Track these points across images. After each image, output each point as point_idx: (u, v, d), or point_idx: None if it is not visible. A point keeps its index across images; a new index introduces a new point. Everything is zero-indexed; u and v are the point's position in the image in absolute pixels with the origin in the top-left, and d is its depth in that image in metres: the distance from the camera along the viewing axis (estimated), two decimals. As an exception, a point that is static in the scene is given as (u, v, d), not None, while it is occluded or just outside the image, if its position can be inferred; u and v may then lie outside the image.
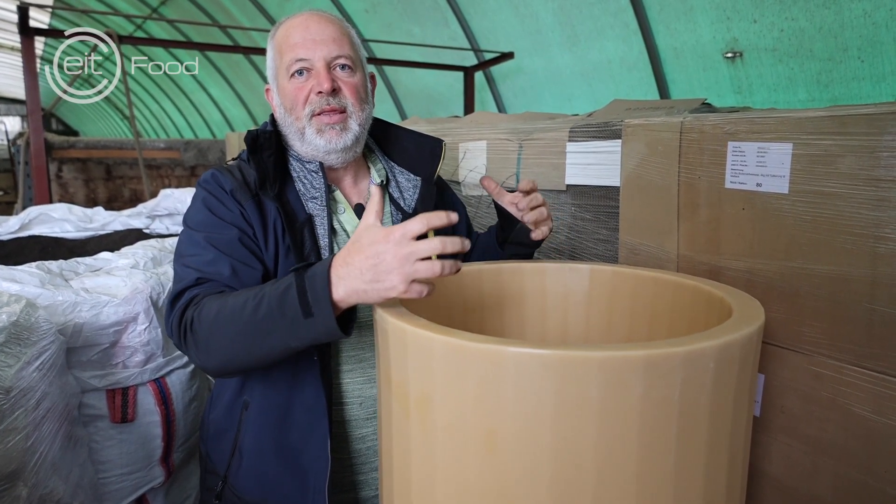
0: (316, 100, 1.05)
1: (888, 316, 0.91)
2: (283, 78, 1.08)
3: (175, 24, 10.03)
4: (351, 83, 1.07)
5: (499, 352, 0.65)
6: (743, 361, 0.71)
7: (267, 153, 1.06)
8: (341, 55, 1.07)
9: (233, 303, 0.87)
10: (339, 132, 1.06)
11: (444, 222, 0.77)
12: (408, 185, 1.19)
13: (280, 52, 1.08)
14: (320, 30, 1.07)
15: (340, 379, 1.08)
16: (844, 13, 3.29)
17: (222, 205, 1.02)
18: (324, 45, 1.05)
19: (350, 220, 1.12)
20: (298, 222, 1.04)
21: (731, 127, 1.07)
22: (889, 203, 0.88)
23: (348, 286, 0.79)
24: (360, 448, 1.10)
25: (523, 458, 0.66)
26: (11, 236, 2.17)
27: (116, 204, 5.92)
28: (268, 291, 0.85)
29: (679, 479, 0.67)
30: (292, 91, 1.06)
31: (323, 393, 1.01)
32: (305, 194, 1.08)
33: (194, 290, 0.95)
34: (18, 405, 1.11)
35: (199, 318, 0.89)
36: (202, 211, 1.03)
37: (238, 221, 1.01)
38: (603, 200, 1.55)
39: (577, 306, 1.12)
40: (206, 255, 0.98)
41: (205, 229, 1.01)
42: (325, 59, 1.05)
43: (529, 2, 5.03)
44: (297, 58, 1.05)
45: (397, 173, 1.20)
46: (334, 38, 1.07)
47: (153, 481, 1.53)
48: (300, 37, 1.06)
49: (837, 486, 0.99)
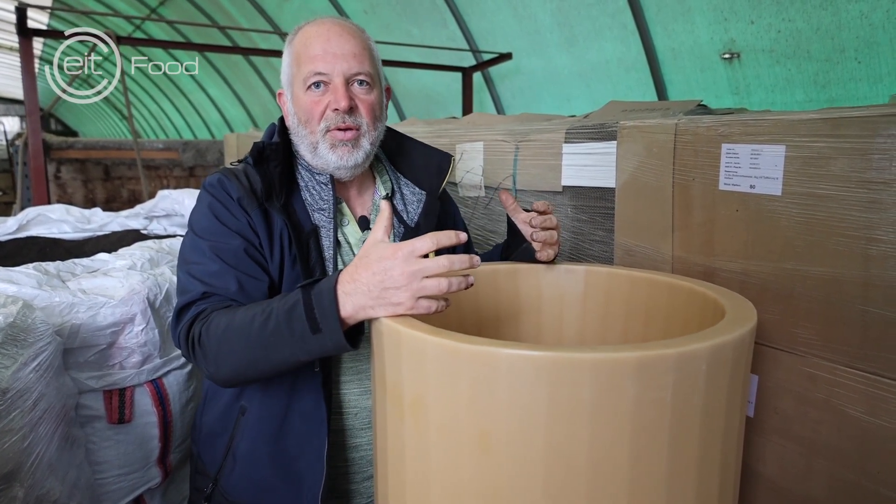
0: (332, 116, 1.04)
1: (881, 317, 0.91)
2: (299, 88, 1.06)
3: (174, 25, 10.04)
4: (368, 101, 1.06)
5: (492, 353, 0.66)
6: (735, 363, 0.71)
7: (273, 164, 1.06)
8: (361, 72, 1.05)
9: (241, 318, 0.88)
10: (351, 149, 1.05)
11: (452, 242, 0.78)
12: (412, 198, 1.18)
13: (298, 61, 1.06)
14: (341, 44, 1.04)
15: (340, 389, 1.08)
16: (841, 14, 3.30)
17: (228, 212, 1.02)
18: (344, 60, 1.03)
19: (353, 232, 1.12)
20: (304, 233, 1.04)
21: (725, 129, 1.08)
22: (881, 205, 0.89)
23: (356, 303, 0.80)
24: (354, 457, 1.10)
25: (516, 459, 0.67)
26: (9, 237, 2.17)
27: (115, 204, 5.92)
28: (276, 307, 0.85)
29: (671, 479, 0.68)
30: (308, 104, 1.05)
31: (323, 403, 1.01)
32: (312, 205, 1.08)
33: (201, 304, 0.95)
34: (15, 406, 1.11)
35: (208, 333, 0.90)
36: (208, 217, 1.02)
37: (244, 230, 1.01)
38: (599, 202, 1.55)
39: (572, 307, 1.13)
40: (212, 266, 0.98)
41: (211, 237, 1.01)
42: (343, 74, 1.03)
43: (528, 3, 5.04)
44: (315, 70, 1.03)
45: (403, 186, 1.19)
46: (355, 54, 1.05)
47: (150, 482, 1.53)
48: (320, 49, 1.04)
49: (831, 487, 1.00)
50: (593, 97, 5.13)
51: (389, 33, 6.52)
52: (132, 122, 5.46)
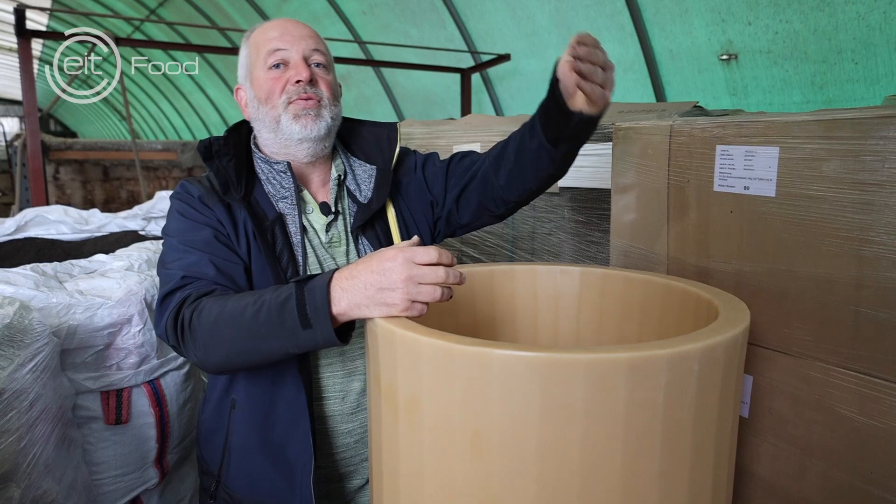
0: (293, 89, 1.07)
1: (874, 318, 0.91)
2: (259, 70, 1.10)
3: (173, 26, 10.04)
4: (326, 79, 1.12)
5: (485, 354, 0.66)
6: (728, 363, 0.72)
7: (225, 158, 1.08)
8: (318, 49, 1.11)
9: (233, 306, 0.89)
10: (314, 118, 1.08)
11: (450, 263, 0.81)
12: (364, 175, 1.20)
13: (257, 47, 1.11)
14: (297, 27, 1.11)
15: (319, 374, 1.09)
16: (838, 15, 3.31)
17: (193, 209, 1.06)
18: (301, 39, 1.10)
19: (318, 219, 1.14)
20: (268, 221, 1.07)
21: (720, 131, 1.08)
22: (874, 206, 0.89)
23: (351, 300, 0.82)
24: (347, 442, 1.11)
25: (509, 459, 0.67)
26: (7, 238, 2.17)
27: (113, 205, 5.92)
28: (268, 298, 0.87)
29: (664, 480, 0.68)
30: (269, 80, 1.09)
31: (303, 388, 1.03)
32: (275, 195, 1.11)
33: (185, 290, 0.97)
34: (11, 407, 1.11)
35: (199, 319, 0.91)
36: (176, 219, 1.07)
37: (211, 222, 1.04)
38: (596, 203, 1.56)
39: (567, 308, 1.13)
40: (188, 258, 1.01)
41: (181, 234, 1.04)
42: (302, 52, 1.09)
43: (526, 4, 5.05)
44: (275, 48, 1.08)
45: (356, 166, 1.21)
46: (311, 35, 1.12)
47: (147, 483, 1.53)
48: (278, 32, 1.10)
49: (825, 487, 1.00)
50: (591, 98, 5.12)
51: (388, 34, 6.53)
52: (131, 123, 5.46)
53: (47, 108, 7.34)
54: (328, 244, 1.12)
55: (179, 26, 9.82)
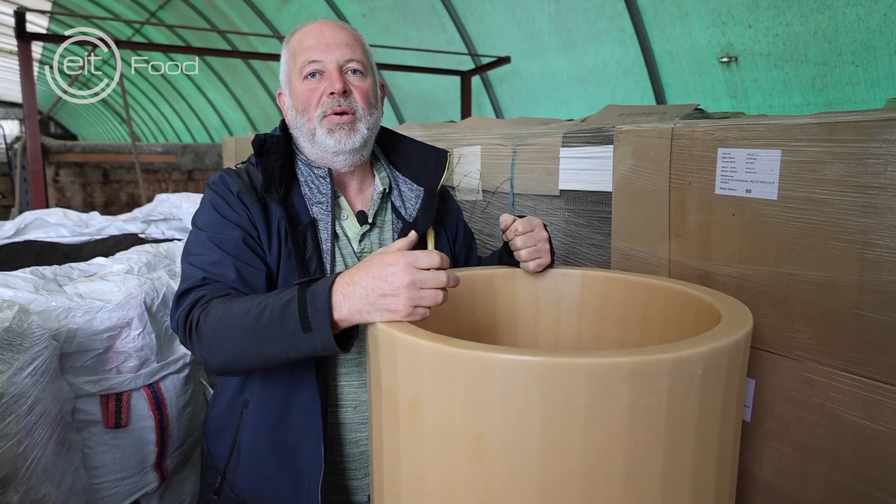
0: (327, 101, 1.07)
1: (876, 321, 0.91)
2: (296, 80, 1.10)
3: (173, 29, 10.04)
4: (361, 87, 1.10)
5: (486, 358, 0.66)
6: (731, 367, 0.71)
7: (274, 157, 1.09)
8: (353, 59, 1.10)
9: (237, 308, 0.90)
10: (348, 132, 1.08)
11: (448, 266, 0.82)
12: (410, 194, 1.20)
13: (294, 56, 1.11)
14: (334, 34, 1.10)
15: (337, 381, 1.09)
16: (839, 18, 3.31)
17: (228, 206, 1.05)
18: (337, 48, 1.09)
19: (352, 226, 1.14)
20: (302, 225, 1.07)
21: (721, 133, 1.08)
22: (876, 209, 0.89)
23: (352, 306, 0.82)
24: (353, 452, 1.11)
25: (510, 463, 0.67)
26: (7, 241, 2.17)
27: (113, 208, 5.92)
28: (271, 301, 0.87)
29: (667, 485, 0.68)
30: (305, 92, 1.09)
31: (318, 395, 1.03)
32: (311, 198, 1.11)
33: (201, 290, 0.98)
34: (10, 411, 1.11)
35: (205, 320, 0.92)
36: (209, 212, 1.06)
37: (243, 223, 1.04)
38: (596, 206, 1.56)
39: (569, 311, 1.13)
40: (212, 256, 1.01)
41: (211, 229, 1.04)
42: (337, 61, 1.08)
43: (526, 6, 5.05)
44: (310, 59, 1.08)
45: (401, 182, 1.21)
46: (347, 43, 1.10)
47: (147, 487, 1.53)
48: (314, 40, 1.09)
49: (828, 491, 1.00)
50: (591, 101, 5.14)
51: (388, 37, 6.53)
52: (131, 126, 5.46)
53: (47, 110, 7.34)
54: (360, 253, 1.12)
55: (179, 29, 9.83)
